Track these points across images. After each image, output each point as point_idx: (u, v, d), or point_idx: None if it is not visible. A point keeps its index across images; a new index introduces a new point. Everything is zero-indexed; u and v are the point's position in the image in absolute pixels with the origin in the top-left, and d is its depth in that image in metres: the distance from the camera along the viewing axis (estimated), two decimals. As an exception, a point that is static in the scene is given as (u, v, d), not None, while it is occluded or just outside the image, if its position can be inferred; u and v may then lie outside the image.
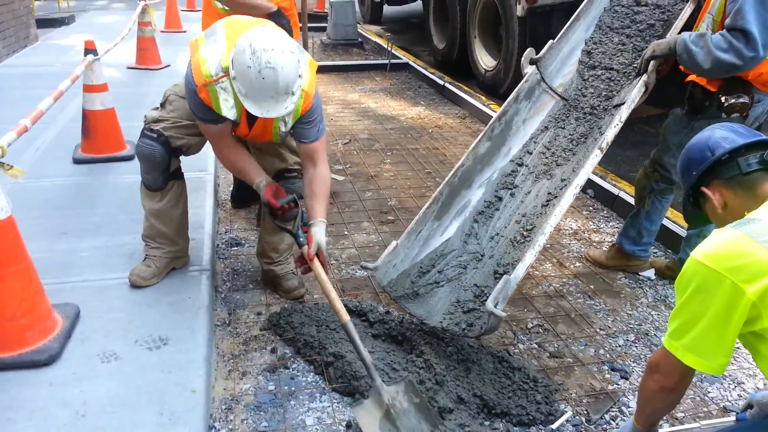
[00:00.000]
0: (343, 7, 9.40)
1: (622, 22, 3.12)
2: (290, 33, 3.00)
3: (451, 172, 2.77)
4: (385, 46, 8.40)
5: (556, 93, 3.03)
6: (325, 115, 5.95)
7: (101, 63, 4.00)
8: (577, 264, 3.26)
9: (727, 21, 2.36)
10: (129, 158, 3.96)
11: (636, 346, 2.59)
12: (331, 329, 2.55)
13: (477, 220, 2.76)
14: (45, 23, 9.91)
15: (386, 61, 8.00)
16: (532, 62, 2.98)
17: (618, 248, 3.15)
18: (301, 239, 2.38)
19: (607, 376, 2.39)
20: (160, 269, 2.68)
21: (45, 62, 7.00)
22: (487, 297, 2.29)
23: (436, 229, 2.73)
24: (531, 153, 2.91)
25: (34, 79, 6.09)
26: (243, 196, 3.72)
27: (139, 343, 2.27)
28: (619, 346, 2.59)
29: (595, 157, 2.46)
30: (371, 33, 10.56)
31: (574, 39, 3.13)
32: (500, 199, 2.81)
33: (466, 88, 6.71)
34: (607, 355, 2.53)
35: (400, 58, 8.27)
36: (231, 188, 3.84)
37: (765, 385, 2.35)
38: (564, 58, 3.09)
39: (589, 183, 4.16)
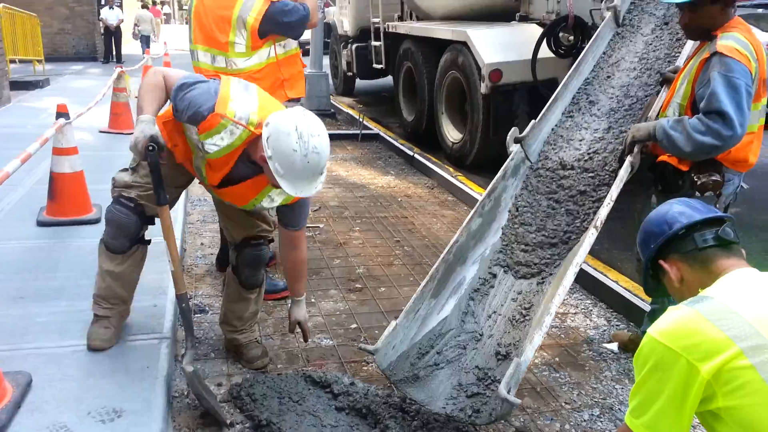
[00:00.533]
0: (317, 79, 9.67)
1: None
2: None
3: (446, 249, 2.79)
4: (357, 117, 8.61)
5: (535, 169, 3.12)
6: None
7: (73, 126, 4.02)
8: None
9: (702, 105, 2.43)
10: (95, 221, 3.92)
11: (601, 421, 2.58)
12: (294, 401, 2.49)
13: (473, 298, 2.74)
14: (19, 85, 9.96)
15: (358, 132, 8.18)
16: (517, 141, 3.08)
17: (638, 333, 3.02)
18: (159, 192, 2.30)
19: (573, 451, 2.37)
20: (118, 329, 2.64)
21: (17, 124, 7.01)
22: (490, 380, 2.32)
23: (434, 307, 2.71)
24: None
25: (4, 140, 6.07)
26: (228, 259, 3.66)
27: (91, 415, 2.18)
28: (584, 420, 2.58)
29: (591, 235, 2.49)
30: (344, 104, 10.83)
31: (553, 119, 3.27)
32: (494, 276, 2.80)
33: (434, 159, 6.88)
34: (573, 431, 2.51)
35: (371, 129, 8.47)
36: (217, 251, 3.81)
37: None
38: (544, 138, 3.22)
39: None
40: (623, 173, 2.67)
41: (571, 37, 5.45)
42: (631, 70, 3.37)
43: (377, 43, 9.01)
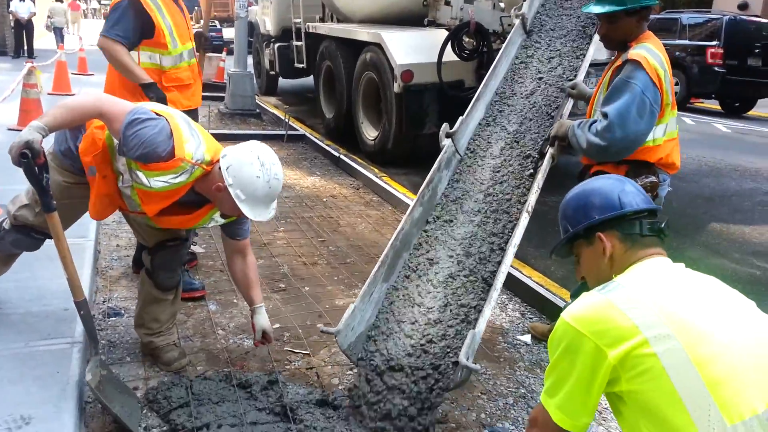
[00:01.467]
0: (242, 78, 9.54)
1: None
2: (164, 103, 3.03)
3: (393, 236, 2.93)
4: (283, 117, 8.55)
5: (463, 160, 3.40)
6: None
7: (-24, 124, 3.81)
8: (462, 330, 3.37)
9: (600, 108, 2.63)
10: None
11: (514, 409, 2.70)
12: (213, 403, 2.47)
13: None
14: None
15: (283, 132, 8.13)
16: (448, 135, 3.31)
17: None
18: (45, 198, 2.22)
19: (487, 439, 2.47)
20: None
21: None
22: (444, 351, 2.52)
23: (385, 290, 2.85)
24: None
25: None
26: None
27: (-4, 424, 2.09)
28: (499, 409, 2.69)
29: (525, 219, 2.77)
30: (269, 105, 10.73)
31: (476, 116, 3.57)
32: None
33: (360, 160, 6.94)
34: (488, 419, 2.61)
35: (297, 130, 8.44)
36: (133, 252, 3.70)
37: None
38: (471, 132, 3.52)
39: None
40: (546, 164, 2.94)
41: (474, 42, 5.86)
42: (537, 79, 3.71)
43: (299, 43, 9.20)
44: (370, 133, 7.28)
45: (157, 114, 2.23)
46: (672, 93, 2.64)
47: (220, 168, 2.24)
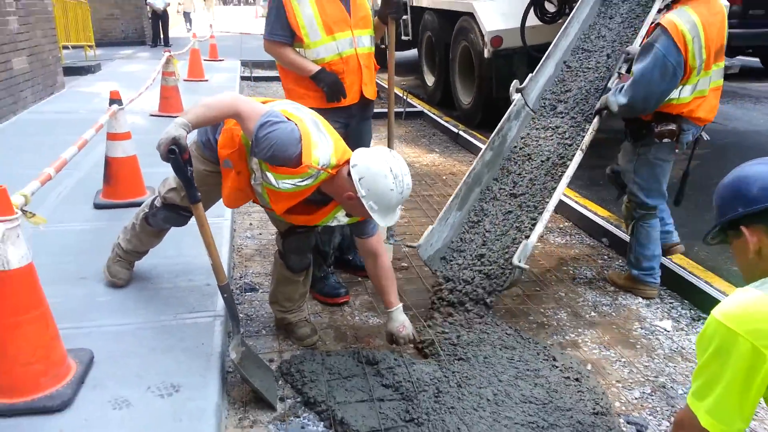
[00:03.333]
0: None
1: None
2: (340, 90, 3.01)
3: (466, 174, 3.56)
4: (401, 94, 8.57)
5: (534, 113, 3.85)
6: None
7: (125, 111, 4.13)
8: (592, 313, 3.23)
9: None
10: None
11: (652, 399, 2.54)
12: (343, 378, 2.54)
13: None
14: (72, 71, 10.27)
15: (402, 110, 8.14)
16: (518, 91, 3.74)
17: (629, 272, 3.45)
18: (191, 190, 2.33)
19: (624, 429, 2.34)
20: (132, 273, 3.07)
21: (70, 109, 7.23)
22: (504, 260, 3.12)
23: (459, 216, 3.50)
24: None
25: (60, 125, 6.28)
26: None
27: (151, 390, 2.27)
28: (636, 398, 2.55)
29: (578, 156, 3.22)
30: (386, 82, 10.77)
31: (546, 73, 3.95)
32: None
33: (479, 135, 6.80)
34: (623, 408, 2.48)
35: (415, 107, 8.43)
36: (265, 231, 3.87)
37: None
38: (540, 87, 3.94)
39: (604, 232, 4.16)
40: (592, 127, 3.34)
41: (556, 5, 6.07)
42: (607, 38, 4.07)
43: (405, 17, 9.53)
44: (465, 98, 7.71)
45: (288, 118, 2.28)
46: (707, 55, 2.90)
47: (349, 174, 2.26)
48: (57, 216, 3.87)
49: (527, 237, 3.05)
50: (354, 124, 3.22)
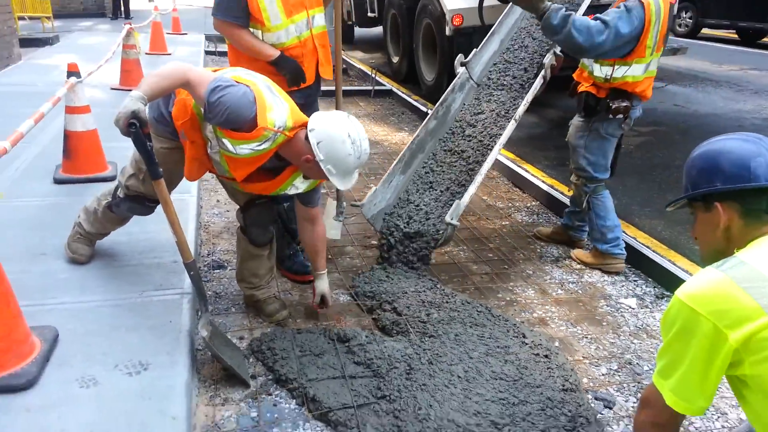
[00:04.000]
0: (329, 34, 9.50)
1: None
2: (300, 75, 2.91)
3: (410, 140, 3.77)
4: (370, 72, 8.49)
5: (478, 85, 4.04)
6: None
7: (84, 84, 3.99)
8: (559, 291, 3.28)
9: (600, 15, 2.96)
10: (110, 179, 3.92)
11: (619, 375, 2.60)
12: (314, 355, 2.53)
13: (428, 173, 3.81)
14: (28, 42, 9.86)
15: (370, 88, 8.08)
16: (462, 64, 3.95)
17: (594, 249, 3.53)
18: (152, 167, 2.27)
19: (592, 405, 2.39)
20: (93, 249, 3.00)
21: (27, 81, 6.96)
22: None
23: (402, 179, 3.73)
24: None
25: (17, 98, 6.04)
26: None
27: (119, 368, 2.22)
28: (603, 374, 2.60)
29: (512, 125, 3.42)
30: (355, 59, 10.67)
31: (491, 48, 4.19)
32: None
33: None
34: (591, 384, 2.53)
35: (384, 85, 8.36)
36: (233, 207, 3.80)
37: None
38: (484, 62, 4.16)
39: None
40: (537, 84, 3.50)
41: None
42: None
43: None
44: (428, 75, 7.84)
45: (239, 82, 2.22)
46: (659, 38, 3.06)
47: (307, 138, 2.27)
48: (15, 191, 3.73)
49: (461, 198, 3.30)
50: (309, 104, 3.11)
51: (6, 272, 2.13)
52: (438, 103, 3.90)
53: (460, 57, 3.95)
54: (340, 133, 2.27)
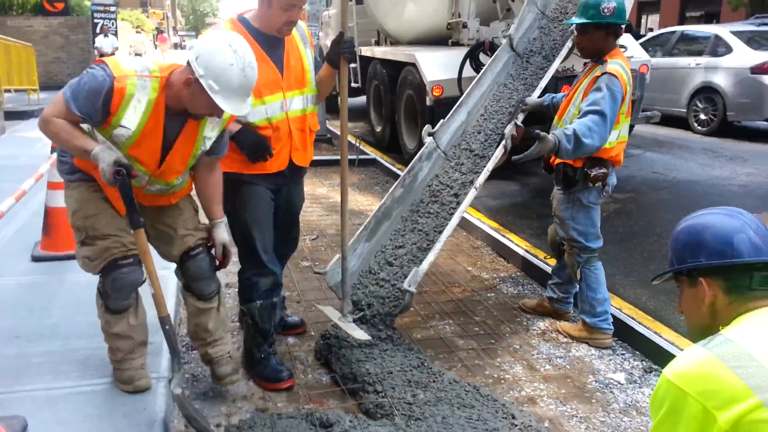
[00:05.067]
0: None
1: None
2: (264, 149, 2.69)
3: (377, 208, 3.76)
4: (353, 141, 8.61)
5: (446, 155, 4.15)
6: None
7: (68, 160, 3.99)
8: (547, 366, 3.22)
9: (587, 106, 3.10)
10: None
11: (610, 456, 2.52)
12: (295, 443, 2.43)
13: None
14: (14, 115, 9.96)
15: (354, 157, 8.17)
16: (430, 134, 4.03)
17: (582, 322, 3.49)
18: (133, 216, 2.28)
19: (583, 490, 2.30)
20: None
21: (11, 155, 6.98)
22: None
23: (367, 246, 3.66)
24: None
25: (-2, 172, 6.03)
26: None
27: (88, 463, 2.11)
28: (594, 456, 2.52)
29: (472, 193, 3.55)
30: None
31: (458, 119, 4.29)
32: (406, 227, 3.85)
33: (432, 184, 6.87)
34: (582, 467, 2.45)
35: (368, 154, 8.47)
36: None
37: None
38: (452, 132, 4.25)
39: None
40: (497, 153, 3.64)
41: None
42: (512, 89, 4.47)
43: (354, 65, 10.02)
44: (410, 143, 8.05)
45: None
46: (630, 103, 3.25)
47: (188, 63, 2.17)
48: (-9, 270, 3.66)
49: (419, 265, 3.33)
50: (285, 191, 2.96)
51: (-25, 360, 2.05)
52: (405, 172, 3.97)
53: (427, 127, 4.05)
54: (220, 43, 2.15)
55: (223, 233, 2.63)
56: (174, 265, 3.77)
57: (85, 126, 2.31)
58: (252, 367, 2.96)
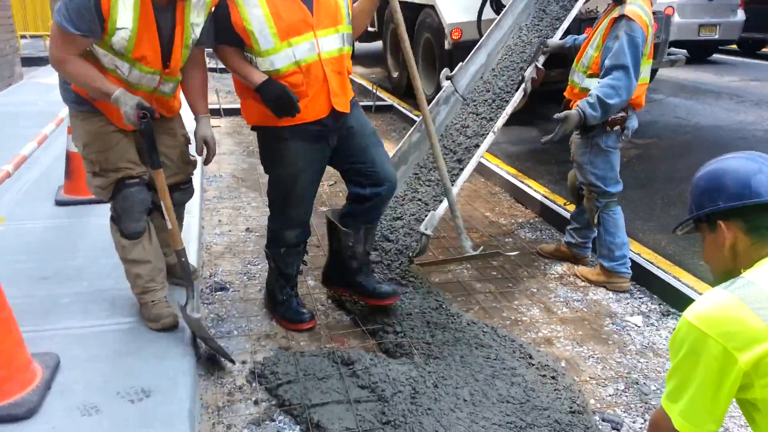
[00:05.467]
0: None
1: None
2: (286, 103, 2.49)
3: (392, 153, 3.71)
4: (370, 88, 8.51)
5: (464, 98, 4.11)
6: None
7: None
8: (564, 309, 3.25)
9: (609, 61, 3.06)
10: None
11: (626, 395, 2.57)
12: (318, 379, 2.50)
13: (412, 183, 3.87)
14: (30, 61, 9.91)
15: (371, 103, 8.09)
16: (448, 78, 3.99)
17: (600, 266, 3.49)
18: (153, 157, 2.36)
19: (599, 427, 2.36)
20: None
21: (30, 101, 6.98)
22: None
23: None
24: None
25: (19, 118, 6.06)
26: (341, 279, 3.06)
27: (120, 395, 2.20)
28: (610, 395, 2.57)
29: (490, 136, 3.50)
30: (356, 75, 10.70)
31: (477, 62, 4.26)
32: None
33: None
34: (598, 405, 2.50)
35: (384, 100, 8.38)
36: (235, 228, 3.79)
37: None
38: (470, 76, 4.22)
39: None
40: (517, 96, 3.61)
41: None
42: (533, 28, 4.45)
43: None
44: (428, 89, 7.76)
45: None
46: (649, 45, 3.13)
47: None
48: (16, 214, 3.72)
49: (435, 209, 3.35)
50: (334, 141, 2.72)
51: (7, 296, 2.12)
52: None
53: (445, 71, 3.98)
54: None
55: (204, 128, 2.57)
56: (196, 211, 3.84)
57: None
58: (274, 308, 3.02)
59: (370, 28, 10.17)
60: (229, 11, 2.45)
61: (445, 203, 3.24)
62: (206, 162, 2.68)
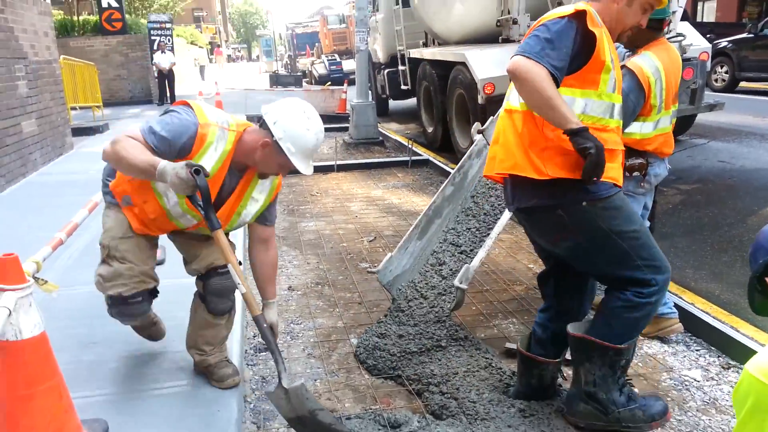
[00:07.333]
0: (364, 108, 9.80)
1: None
2: (599, 165, 2.13)
3: (427, 207, 3.87)
4: (406, 143, 8.63)
5: None
6: (349, 212, 6.04)
7: (134, 172, 4.13)
8: (617, 364, 3.12)
9: None
10: (159, 263, 3.97)
11: (690, 456, 2.43)
12: (364, 442, 2.44)
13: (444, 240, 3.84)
14: (80, 132, 10.39)
15: (407, 158, 8.18)
16: (479, 132, 4.05)
17: None
18: (212, 217, 2.27)
19: (663, 491, 2.22)
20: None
21: (79, 170, 7.28)
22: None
23: (419, 246, 3.75)
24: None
25: (69, 186, 6.31)
26: None
27: (167, 463, 2.18)
28: (672, 456, 2.43)
29: None
30: (391, 131, 10.89)
31: None
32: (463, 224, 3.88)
33: (488, 182, 6.81)
34: (660, 467, 2.37)
35: (420, 155, 8.47)
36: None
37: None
38: None
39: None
40: None
41: None
42: None
43: (403, 68, 10.30)
44: (463, 142, 8.00)
45: None
46: (667, 95, 3.07)
47: (261, 126, 2.31)
48: (67, 279, 3.82)
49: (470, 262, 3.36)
50: None
51: (59, 363, 2.14)
52: (455, 170, 3.99)
53: (476, 125, 4.07)
54: (296, 109, 2.30)
55: (272, 314, 2.55)
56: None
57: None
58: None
59: (402, 86, 10.49)
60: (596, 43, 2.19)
61: (480, 255, 3.26)
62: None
